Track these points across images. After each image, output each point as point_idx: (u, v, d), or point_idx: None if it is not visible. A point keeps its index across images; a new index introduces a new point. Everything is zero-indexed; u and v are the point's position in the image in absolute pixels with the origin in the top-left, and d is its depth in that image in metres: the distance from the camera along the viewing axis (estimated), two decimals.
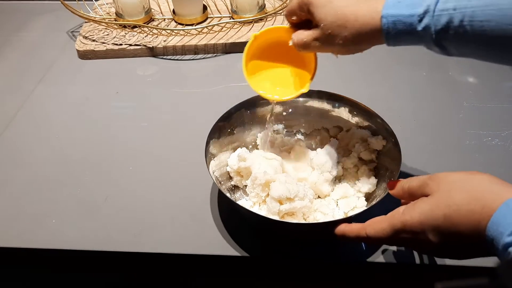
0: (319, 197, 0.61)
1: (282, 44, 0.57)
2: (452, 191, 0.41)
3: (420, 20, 0.45)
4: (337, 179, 0.63)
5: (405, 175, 0.64)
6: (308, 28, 0.53)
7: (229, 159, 0.63)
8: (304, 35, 0.53)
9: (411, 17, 0.45)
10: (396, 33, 0.47)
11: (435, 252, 0.43)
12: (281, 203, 0.55)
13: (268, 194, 0.57)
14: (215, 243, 0.58)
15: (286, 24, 0.56)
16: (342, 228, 0.49)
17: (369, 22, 0.48)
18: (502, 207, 0.37)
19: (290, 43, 0.55)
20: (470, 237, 0.39)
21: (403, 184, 0.47)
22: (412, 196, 0.45)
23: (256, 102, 0.66)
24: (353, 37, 0.49)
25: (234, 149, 0.65)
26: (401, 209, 0.44)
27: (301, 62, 0.59)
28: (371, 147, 0.63)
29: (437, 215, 0.40)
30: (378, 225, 0.45)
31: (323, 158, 0.60)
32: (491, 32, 0.42)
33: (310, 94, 0.67)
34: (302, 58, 0.58)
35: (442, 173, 0.43)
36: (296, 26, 0.55)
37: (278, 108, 0.68)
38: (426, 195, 0.43)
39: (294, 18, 0.54)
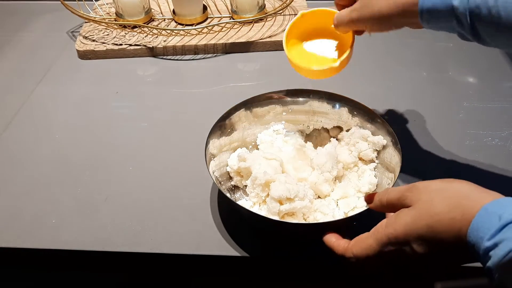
0: (319, 197, 0.61)
1: (325, 29, 0.60)
2: (433, 200, 0.42)
3: None
4: (337, 179, 0.63)
5: (405, 175, 0.65)
6: None
7: (229, 159, 0.63)
8: (343, 11, 0.56)
9: None
10: (431, 7, 0.46)
11: (422, 262, 0.43)
12: (281, 203, 0.55)
13: (268, 194, 0.57)
14: (215, 243, 0.58)
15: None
16: (331, 243, 0.49)
17: None
18: (481, 213, 0.38)
19: (333, 25, 0.57)
20: (453, 244, 0.40)
21: (381, 197, 0.47)
22: (393, 208, 0.46)
23: (256, 102, 0.66)
24: (388, 8, 0.50)
25: (234, 149, 0.65)
26: (383, 223, 0.45)
27: (340, 46, 0.61)
28: (371, 147, 0.63)
29: (420, 226, 0.41)
30: (363, 242, 0.46)
31: (323, 158, 0.60)
32: None
33: (310, 94, 0.67)
34: (341, 41, 0.61)
35: (420, 183, 0.44)
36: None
37: (278, 108, 0.68)
38: (407, 206, 0.43)
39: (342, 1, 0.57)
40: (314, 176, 0.60)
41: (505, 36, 0.44)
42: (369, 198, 0.49)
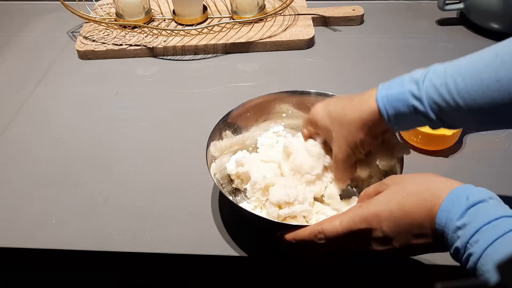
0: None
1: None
2: (405, 183, 0.45)
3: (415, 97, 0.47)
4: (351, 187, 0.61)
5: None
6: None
7: (228, 164, 0.62)
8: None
9: (404, 94, 0.47)
10: (395, 113, 0.48)
11: (388, 244, 0.45)
12: (280, 208, 0.54)
13: (267, 199, 0.56)
14: (215, 243, 0.58)
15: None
16: (294, 231, 0.49)
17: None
18: (449, 196, 0.41)
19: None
20: (422, 225, 0.42)
21: (360, 194, 0.50)
22: (370, 198, 0.48)
23: (256, 103, 0.66)
24: (357, 127, 0.51)
25: (235, 152, 0.65)
26: (358, 205, 0.47)
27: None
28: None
29: (391, 204, 0.44)
30: (335, 218, 0.47)
31: (300, 159, 0.57)
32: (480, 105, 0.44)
33: (311, 95, 0.67)
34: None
35: (394, 175, 0.48)
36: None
37: (278, 110, 0.67)
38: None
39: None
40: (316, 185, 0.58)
41: (470, 121, 0.46)
42: None
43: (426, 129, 0.66)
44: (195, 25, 0.94)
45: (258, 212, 0.58)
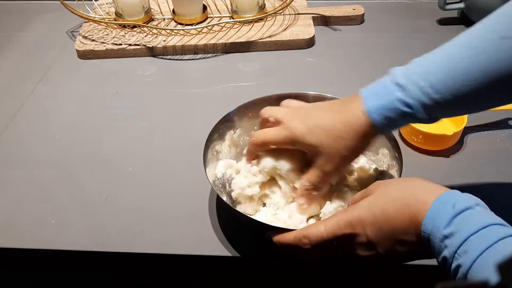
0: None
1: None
2: (389, 189, 0.44)
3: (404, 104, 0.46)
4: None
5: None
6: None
7: (217, 168, 0.61)
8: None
9: (393, 102, 0.47)
10: (384, 123, 0.48)
11: (373, 249, 0.44)
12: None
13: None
14: (214, 244, 0.58)
15: None
16: (280, 234, 0.49)
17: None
18: (435, 203, 0.40)
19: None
20: (405, 231, 0.41)
21: (348, 202, 0.50)
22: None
23: (254, 105, 0.65)
24: (349, 149, 0.50)
25: (232, 154, 0.64)
26: (343, 210, 0.47)
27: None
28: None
29: (375, 210, 0.43)
30: (319, 224, 0.46)
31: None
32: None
33: (308, 97, 0.66)
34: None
35: (380, 181, 0.47)
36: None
37: None
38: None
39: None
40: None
41: (461, 111, 0.50)
42: None
43: (427, 129, 0.66)
44: (195, 25, 0.94)
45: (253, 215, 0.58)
